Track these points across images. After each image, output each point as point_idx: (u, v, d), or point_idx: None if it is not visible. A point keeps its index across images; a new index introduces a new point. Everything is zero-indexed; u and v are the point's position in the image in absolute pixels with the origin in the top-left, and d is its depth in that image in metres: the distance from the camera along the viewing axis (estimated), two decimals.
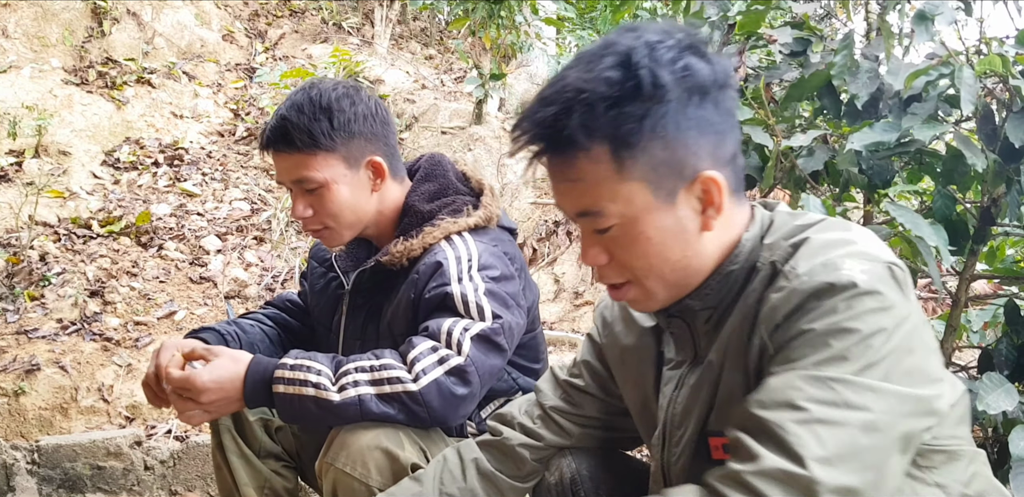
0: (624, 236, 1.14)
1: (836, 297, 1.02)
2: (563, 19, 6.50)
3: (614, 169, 1.10)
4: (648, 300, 1.21)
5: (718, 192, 1.13)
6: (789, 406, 0.99)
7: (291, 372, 1.62)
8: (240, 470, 1.94)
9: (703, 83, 1.10)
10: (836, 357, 1.00)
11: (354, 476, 1.57)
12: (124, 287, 4.05)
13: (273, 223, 4.72)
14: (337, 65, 6.03)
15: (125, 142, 5.28)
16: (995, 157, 1.83)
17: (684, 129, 1.10)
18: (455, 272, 1.75)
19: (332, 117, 1.77)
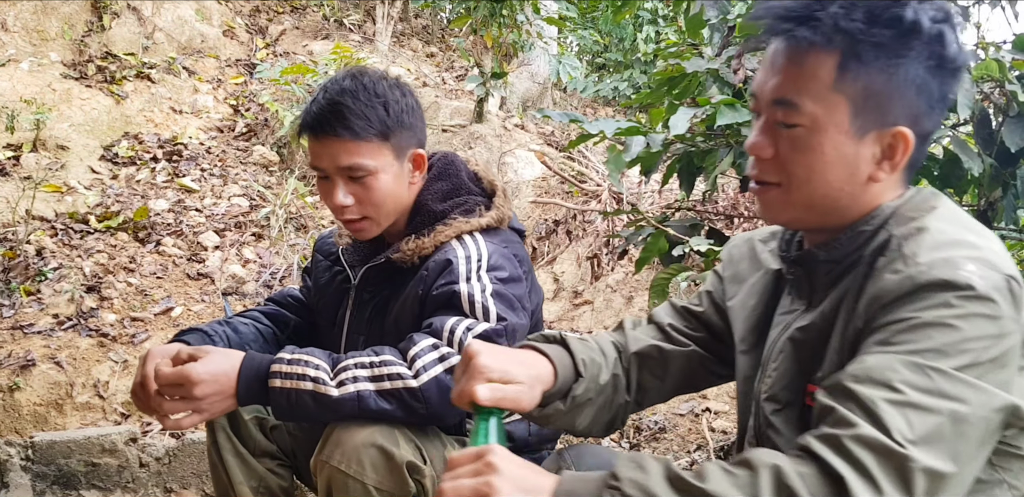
0: (803, 139, 1.15)
1: (949, 293, 1.02)
2: (565, 18, 6.50)
3: (834, 75, 1.13)
4: (783, 210, 1.22)
5: (903, 151, 1.15)
6: (885, 385, 0.99)
7: (288, 366, 1.61)
8: (235, 469, 1.93)
9: (945, 55, 1.14)
10: (937, 350, 1.01)
11: (349, 473, 1.56)
12: (121, 283, 4.04)
13: (272, 220, 4.71)
14: (338, 62, 6.03)
15: (124, 137, 5.28)
16: (991, 161, 1.83)
17: (908, 81, 1.13)
18: (464, 271, 1.74)
19: (387, 105, 1.76)
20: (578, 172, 5.43)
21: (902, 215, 1.18)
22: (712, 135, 2.20)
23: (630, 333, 1.54)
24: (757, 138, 1.20)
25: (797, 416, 1.24)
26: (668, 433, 3.31)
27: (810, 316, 1.24)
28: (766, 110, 1.19)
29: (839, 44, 1.12)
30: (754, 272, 1.42)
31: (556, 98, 7.81)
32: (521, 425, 1.93)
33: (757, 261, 1.42)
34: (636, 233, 2.31)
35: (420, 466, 1.61)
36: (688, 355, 1.51)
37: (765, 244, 1.43)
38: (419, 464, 1.60)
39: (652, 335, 1.53)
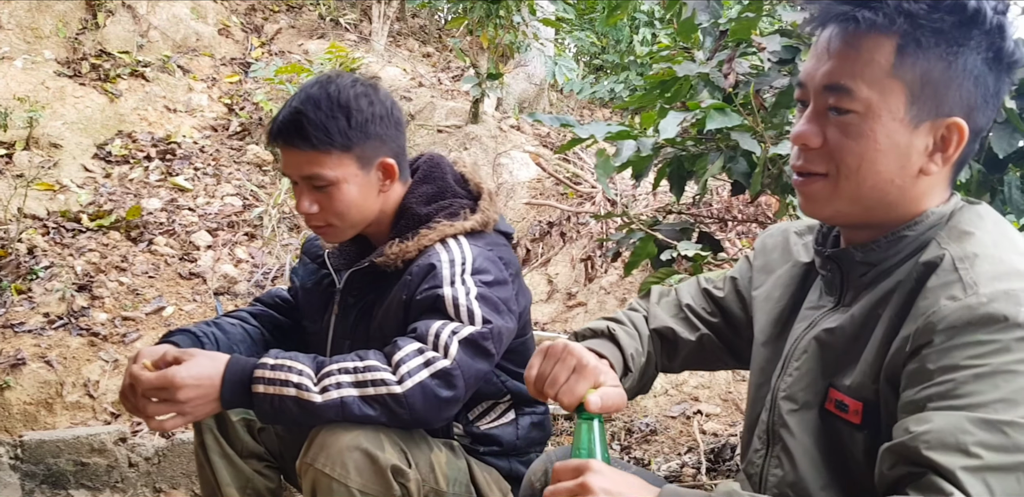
0: (856, 126, 1.12)
1: (1010, 334, 1.00)
2: (561, 20, 6.50)
3: (892, 61, 1.10)
4: (827, 203, 1.19)
5: (957, 144, 1.13)
6: (960, 451, 0.98)
7: (272, 372, 1.61)
8: (222, 470, 1.93)
9: (1004, 48, 1.11)
10: (1005, 400, 0.99)
11: (333, 476, 1.56)
12: (113, 282, 4.04)
13: (265, 219, 4.71)
14: (333, 61, 6.02)
15: (117, 135, 5.27)
16: (979, 167, 1.84)
17: (966, 71, 1.11)
18: (448, 275, 1.74)
19: (350, 116, 1.75)
20: (573, 174, 5.43)
21: (955, 228, 1.15)
22: (702, 139, 2.20)
23: (653, 308, 1.56)
24: (805, 127, 1.17)
25: (814, 418, 1.22)
26: (659, 435, 3.31)
27: (840, 318, 1.23)
28: (816, 97, 1.16)
29: (899, 27, 1.09)
30: (784, 263, 1.41)
31: (552, 99, 7.81)
32: (509, 429, 1.92)
33: (789, 253, 1.41)
34: (626, 237, 2.31)
35: (405, 470, 1.60)
36: (699, 340, 1.52)
37: (800, 237, 1.42)
38: (404, 468, 1.60)
39: (671, 313, 1.54)
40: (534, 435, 1.96)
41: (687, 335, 1.51)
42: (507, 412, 1.93)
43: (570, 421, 3.33)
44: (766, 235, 1.50)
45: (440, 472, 1.69)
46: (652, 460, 3.08)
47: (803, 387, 1.25)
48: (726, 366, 1.58)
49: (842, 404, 1.17)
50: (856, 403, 1.15)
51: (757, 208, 4.49)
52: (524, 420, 1.94)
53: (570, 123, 2.14)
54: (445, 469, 1.71)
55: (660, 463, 3.05)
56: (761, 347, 1.39)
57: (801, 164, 1.18)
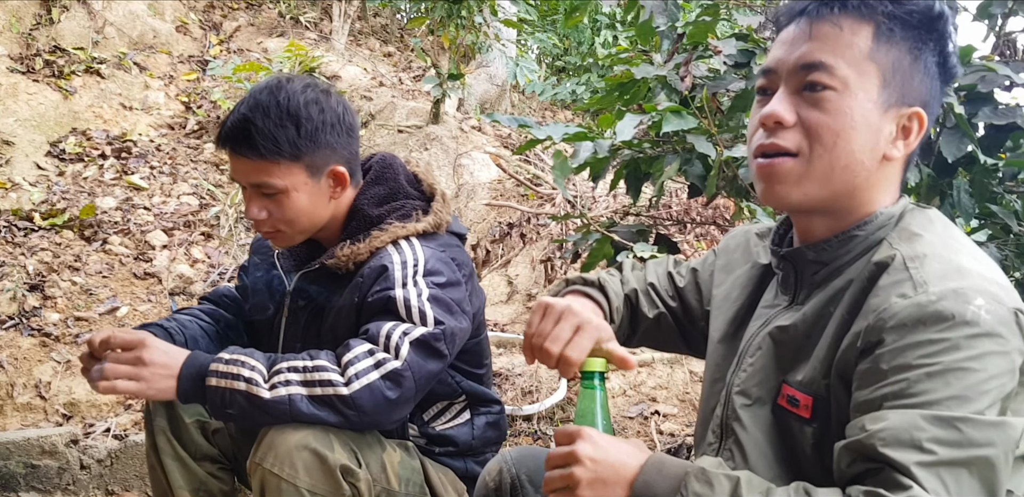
0: (834, 103, 1.16)
1: (959, 332, 1.03)
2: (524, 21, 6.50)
3: (870, 44, 1.16)
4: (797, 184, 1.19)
5: (918, 131, 1.19)
6: (915, 447, 1.00)
7: (225, 366, 1.61)
8: (174, 472, 1.91)
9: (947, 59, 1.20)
10: (958, 396, 1.01)
11: (282, 476, 1.56)
12: (65, 282, 3.97)
13: (222, 219, 4.66)
14: (292, 60, 5.98)
15: (71, 133, 5.19)
16: (929, 171, 1.87)
17: (926, 69, 1.18)
18: (400, 276, 1.73)
19: (299, 125, 1.72)
20: (533, 175, 5.44)
21: (905, 229, 1.18)
22: (659, 142, 2.22)
23: (627, 274, 1.60)
24: (777, 105, 1.18)
25: (766, 413, 1.25)
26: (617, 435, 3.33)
27: (793, 315, 1.25)
28: (789, 78, 1.19)
29: (877, 15, 1.16)
30: (744, 264, 1.44)
31: (515, 100, 7.82)
32: (464, 429, 1.93)
33: (749, 254, 1.45)
34: (583, 238, 2.32)
35: (355, 470, 1.60)
36: (657, 318, 1.55)
37: (761, 239, 1.45)
38: (354, 468, 1.60)
39: (639, 286, 1.58)
40: (489, 435, 1.97)
41: (647, 311, 1.55)
42: (462, 412, 1.93)
43: (528, 422, 3.33)
44: (729, 236, 1.53)
45: (392, 472, 1.69)
46: None
47: (756, 383, 1.27)
48: (678, 349, 1.62)
49: (793, 399, 1.20)
50: (807, 398, 1.18)
51: (715, 211, 4.53)
52: (479, 420, 1.95)
53: (528, 124, 2.14)
54: (398, 469, 1.70)
55: None
56: (717, 344, 1.42)
57: (771, 142, 1.19)
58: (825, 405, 1.16)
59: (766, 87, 1.22)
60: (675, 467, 1.11)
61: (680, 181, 4.19)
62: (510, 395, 3.45)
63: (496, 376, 3.57)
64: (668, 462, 1.12)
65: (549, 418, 3.37)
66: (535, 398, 3.42)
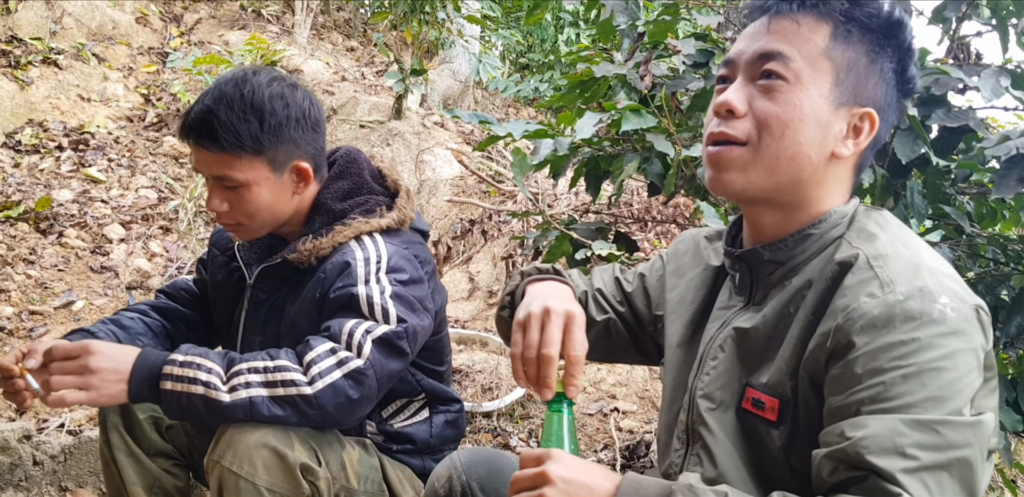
0: (785, 94, 1.18)
1: (929, 331, 1.04)
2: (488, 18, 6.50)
3: (827, 42, 1.18)
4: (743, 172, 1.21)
5: (868, 132, 1.20)
6: (898, 453, 1.01)
7: (180, 369, 1.58)
8: (128, 469, 1.89)
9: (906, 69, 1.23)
10: (934, 397, 1.03)
11: (240, 475, 1.55)
12: (20, 275, 3.91)
13: (180, 213, 4.61)
14: (254, 53, 5.93)
15: (28, 124, 5.10)
16: (883, 172, 1.89)
17: (882, 73, 1.21)
18: (362, 273, 1.72)
19: (263, 119, 1.71)
20: (495, 172, 5.44)
21: (862, 230, 1.20)
22: (619, 140, 2.23)
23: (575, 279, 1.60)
24: (731, 94, 1.21)
25: (731, 416, 1.25)
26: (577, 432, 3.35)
27: (752, 317, 1.25)
28: (747, 68, 1.21)
29: (837, 15, 1.18)
30: (695, 267, 1.45)
31: (478, 97, 7.80)
32: (423, 427, 1.93)
33: (699, 257, 1.46)
34: (542, 235, 2.33)
35: (314, 468, 1.59)
36: (606, 323, 1.55)
37: (710, 242, 1.47)
38: (313, 466, 1.59)
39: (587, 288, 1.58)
40: (448, 433, 1.97)
41: (595, 315, 1.54)
42: (421, 410, 1.93)
43: (487, 418, 3.34)
44: (678, 241, 1.54)
45: (352, 470, 1.68)
46: None
47: (720, 386, 1.28)
48: (628, 357, 1.60)
49: (759, 402, 1.20)
50: (772, 400, 1.18)
51: (675, 209, 4.57)
52: (438, 418, 1.95)
53: (488, 121, 2.15)
54: (357, 467, 1.70)
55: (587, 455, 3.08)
56: (676, 348, 1.41)
57: (720, 131, 1.21)
58: (791, 407, 1.17)
59: (726, 76, 1.25)
60: (654, 485, 1.09)
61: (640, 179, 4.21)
62: (470, 392, 3.45)
63: (456, 373, 3.58)
64: (645, 481, 1.10)
65: (509, 415, 3.37)
66: (495, 395, 3.43)
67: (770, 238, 1.25)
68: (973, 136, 1.97)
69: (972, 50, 2.27)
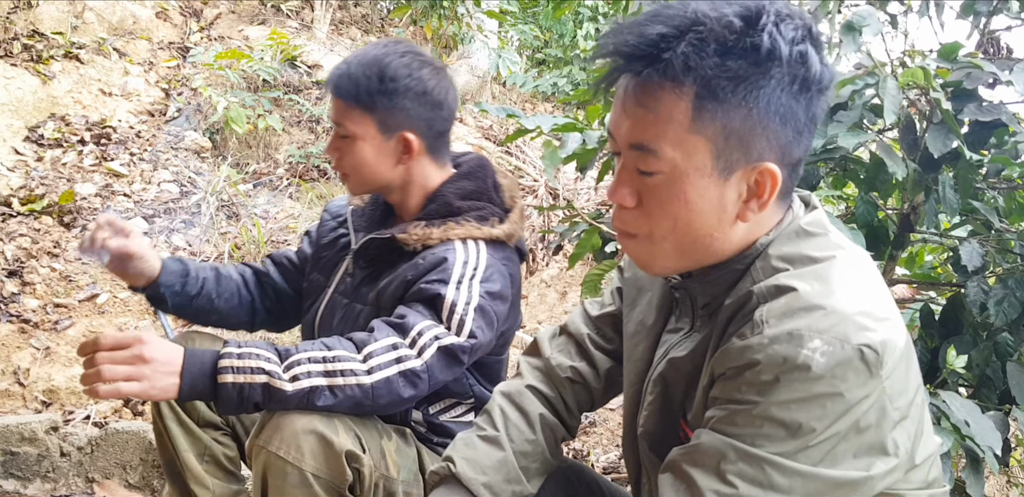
0: (665, 188, 1.08)
1: (786, 376, 1.00)
2: (505, 13, 6.49)
3: (691, 116, 1.05)
4: (651, 262, 1.17)
5: (771, 189, 1.09)
6: (718, 476, 1.01)
7: (240, 361, 1.57)
8: (179, 437, 1.93)
9: (810, 77, 1.06)
10: (771, 435, 1.01)
11: (287, 460, 1.55)
12: (44, 268, 3.94)
13: (203, 207, 4.64)
14: (274, 48, 5.94)
15: (50, 118, 5.13)
16: (915, 166, 1.89)
17: (771, 112, 1.05)
18: (457, 275, 1.75)
19: (383, 80, 1.81)
20: (515, 167, 5.44)
21: (768, 263, 1.12)
22: None
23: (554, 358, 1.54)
24: (619, 188, 1.12)
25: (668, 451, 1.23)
26: (598, 427, 3.35)
27: (685, 348, 1.22)
28: (625, 154, 1.12)
29: (694, 79, 1.03)
30: (654, 282, 1.37)
31: (495, 92, 7.80)
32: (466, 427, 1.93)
33: None
34: (570, 229, 2.33)
35: (359, 455, 1.60)
36: (608, 372, 1.52)
37: None
38: (358, 453, 1.60)
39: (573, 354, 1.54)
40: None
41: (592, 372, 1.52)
42: (468, 413, 1.95)
43: None
44: None
45: (391, 460, 1.70)
46: (591, 452, 3.12)
47: (656, 422, 1.27)
48: None
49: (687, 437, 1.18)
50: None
51: None
52: None
53: (516, 114, 2.15)
54: (395, 457, 1.71)
55: (599, 455, 3.09)
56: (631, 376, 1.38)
57: (618, 224, 1.16)
58: None
59: (614, 151, 1.15)
60: None
61: None
62: None
63: None
64: None
65: None
66: None
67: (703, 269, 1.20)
68: (1005, 130, 1.96)
69: (1002, 45, 2.26)
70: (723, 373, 1.07)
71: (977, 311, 1.93)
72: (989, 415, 1.76)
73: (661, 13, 1.05)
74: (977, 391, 2.02)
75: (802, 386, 1.00)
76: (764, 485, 1.00)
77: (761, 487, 1.00)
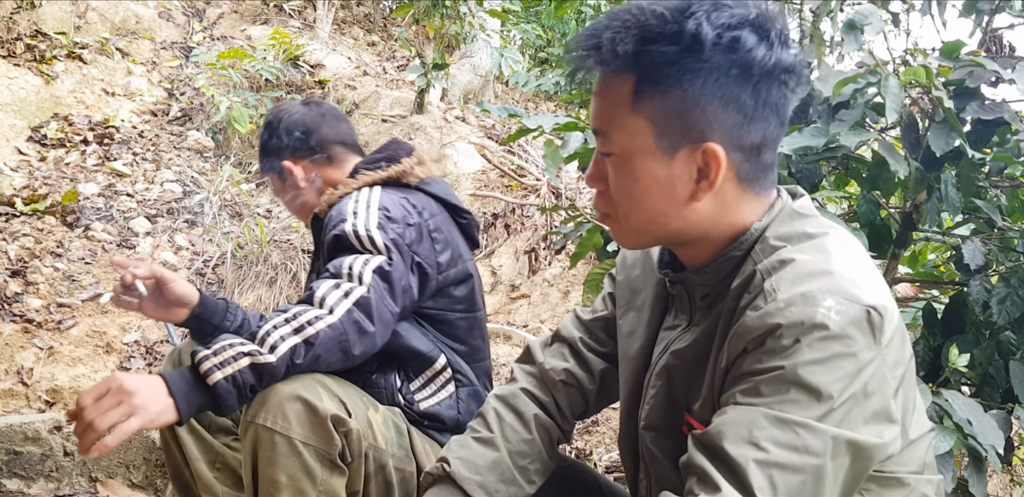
0: (618, 168, 1.15)
1: (806, 337, 1.02)
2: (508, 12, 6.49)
3: (631, 99, 1.11)
4: (623, 239, 1.23)
5: (716, 168, 1.12)
6: (752, 444, 1.00)
7: (217, 357, 1.57)
8: (190, 445, 1.94)
9: (749, 62, 1.09)
10: (799, 400, 1.01)
11: (275, 430, 1.55)
12: (47, 267, 3.95)
13: (206, 206, 4.64)
14: (276, 48, 5.95)
15: (53, 118, 5.14)
16: (917, 165, 1.88)
17: (708, 94, 1.09)
18: (351, 210, 1.84)
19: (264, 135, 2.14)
20: (518, 166, 5.44)
21: (767, 244, 1.16)
22: None
23: (547, 363, 1.55)
24: (591, 172, 1.19)
25: (674, 444, 1.24)
26: (600, 426, 3.35)
27: (686, 340, 1.24)
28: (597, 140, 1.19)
29: (631, 66, 1.10)
30: (647, 282, 1.39)
31: (498, 91, 7.80)
32: (449, 402, 1.94)
33: (651, 269, 1.39)
34: (574, 229, 2.33)
35: (345, 418, 1.60)
36: (602, 374, 1.52)
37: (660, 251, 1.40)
38: (344, 417, 1.60)
39: (566, 357, 1.54)
40: (474, 408, 1.98)
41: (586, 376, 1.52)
42: (447, 384, 1.94)
43: None
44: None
45: (378, 431, 1.69)
46: (593, 451, 3.12)
47: (660, 415, 1.27)
48: None
49: (692, 428, 1.18)
50: (702, 428, 1.14)
51: None
52: (463, 392, 1.96)
53: (518, 114, 2.15)
54: (383, 429, 1.71)
55: (601, 454, 3.08)
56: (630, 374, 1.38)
57: (595, 206, 1.23)
58: None
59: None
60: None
61: None
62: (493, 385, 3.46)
63: None
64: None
65: None
66: None
67: (698, 263, 1.22)
68: (1007, 129, 1.96)
69: (1005, 43, 2.26)
70: (743, 349, 1.07)
71: (979, 310, 1.92)
72: (992, 414, 1.76)
73: (615, 13, 1.13)
74: (980, 390, 2.02)
75: (822, 345, 1.02)
76: (799, 449, 1.00)
77: (796, 452, 1.00)
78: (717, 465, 1.02)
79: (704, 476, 1.02)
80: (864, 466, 1.05)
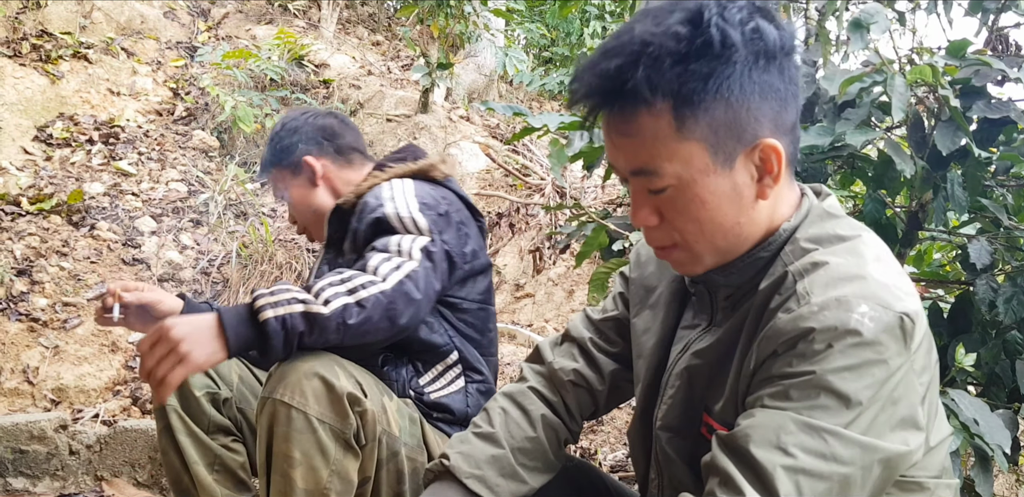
0: (679, 198, 1.11)
1: (839, 342, 1.01)
2: (512, 11, 6.49)
3: (674, 127, 1.07)
4: (695, 264, 1.19)
5: (777, 161, 1.11)
6: (780, 449, 1.00)
7: (273, 296, 1.58)
8: (189, 449, 1.94)
9: (771, 47, 1.08)
10: (829, 406, 1.01)
11: (292, 405, 1.55)
12: (53, 267, 3.96)
13: (211, 206, 4.65)
14: (281, 47, 5.95)
15: (59, 118, 5.15)
16: (923, 164, 1.88)
17: (748, 92, 1.08)
18: (388, 195, 1.88)
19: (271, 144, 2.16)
20: (522, 165, 5.44)
21: (798, 245, 1.14)
22: None
23: (556, 362, 1.54)
24: (638, 211, 1.15)
25: (691, 445, 1.23)
26: (605, 425, 3.35)
27: (708, 340, 1.23)
28: (631, 182, 1.15)
29: (664, 95, 1.06)
30: (662, 278, 1.38)
31: (502, 91, 7.80)
32: (458, 396, 1.95)
33: (666, 266, 1.37)
34: (578, 229, 2.32)
35: (361, 398, 1.60)
36: (612, 375, 1.51)
37: None
38: (360, 396, 1.60)
39: (576, 357, 1.53)
40: (482, 402, 1.98)
41: (596, 376, 1.51)
42: (457, 379, 1.95)
43: None
44: (640, 244, 1.47)
45: (392, 417, 1.70)
46: (598, 450, 3.12)
47: (677, 415, 1.26)
48: None
49: (712, 429, 1.18)
50: (723, 429, 1.14)
51: None
52: (472, 387, 1.97)
53: (523, 113, 2.15)
54: (396, 416, 1.71)
55: (606, 453, 3.08)
56: (645, 372, 1.37)
57: (652, 242, 1.19)
58: None
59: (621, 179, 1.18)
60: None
61: None
62: (499, 384, 3.46)
63: None
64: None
65: None
66: None
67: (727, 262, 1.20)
68: (1013, 128, 1.95)
69: (1011, 41, 2.25)
70: (773, 351, 1.06)
71: (986, 309, 1.92)
72: (998, 413, 1.75)
73: (610, 46, 1.09)
74: (986, 389, 2.01)
75: (854, 351, 1.01)
76: (827, 457, 0.99)
77: (824, 459, 0.99)
78: (742, 468, 1.01)
79: (727, 478, 1.01)
80: (890, 475, 1.05)
